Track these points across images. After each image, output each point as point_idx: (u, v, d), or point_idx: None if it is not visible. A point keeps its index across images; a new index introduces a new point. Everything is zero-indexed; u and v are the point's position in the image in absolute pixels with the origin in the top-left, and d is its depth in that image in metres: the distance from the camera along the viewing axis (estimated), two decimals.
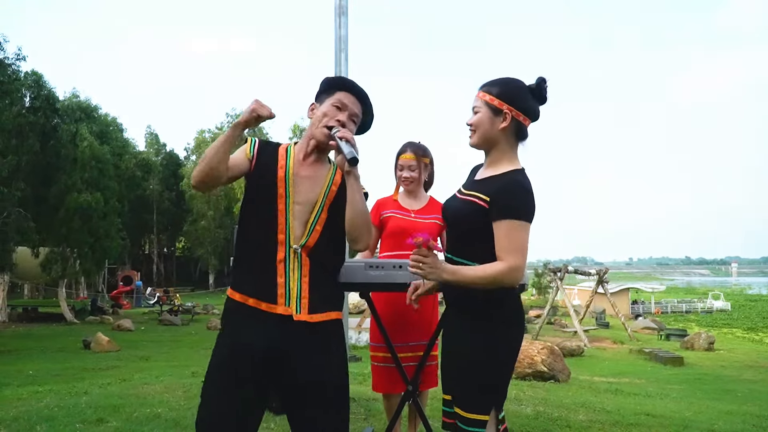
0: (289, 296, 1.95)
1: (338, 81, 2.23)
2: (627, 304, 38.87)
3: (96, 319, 22.72)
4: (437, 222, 3.15)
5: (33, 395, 5.15)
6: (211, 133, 48.14)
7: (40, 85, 20.85)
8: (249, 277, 1.99)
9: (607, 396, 6.62)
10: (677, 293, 64.91)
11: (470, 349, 2.00)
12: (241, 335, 1.95)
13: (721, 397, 9.24)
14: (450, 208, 2.12)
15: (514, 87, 2.03)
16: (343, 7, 3.83)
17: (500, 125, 2.00)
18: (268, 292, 1.95)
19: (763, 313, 44.16)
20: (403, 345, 2.99)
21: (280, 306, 1.94)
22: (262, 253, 1.99)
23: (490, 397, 2.01)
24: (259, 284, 1.96)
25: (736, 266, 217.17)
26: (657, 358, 15.77)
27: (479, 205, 1.96)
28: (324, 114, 2.06)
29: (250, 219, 2.04)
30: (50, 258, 22.25)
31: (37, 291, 31.28)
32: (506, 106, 1.99)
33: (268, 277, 1.96)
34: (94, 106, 33.08)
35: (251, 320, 1.94)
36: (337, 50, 3.79)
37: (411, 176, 3.18)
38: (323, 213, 2.03)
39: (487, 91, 2.04)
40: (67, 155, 21.59)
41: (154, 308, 27.81)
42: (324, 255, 2.05)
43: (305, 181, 2.05)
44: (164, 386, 5.23)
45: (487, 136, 2.03)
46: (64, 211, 21.42)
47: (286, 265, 1.97)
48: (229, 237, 40.05)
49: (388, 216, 3.14)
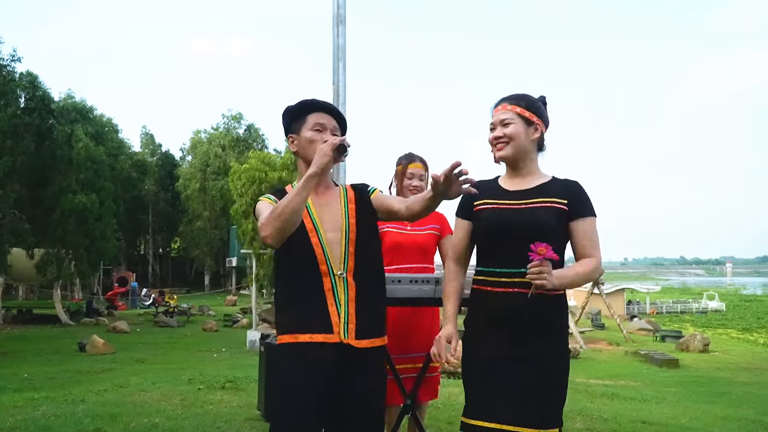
0: (341, 322, 1.98)
1: (303, 106, 2.19)
2: (622, 305, 38.91)
3: (91, 321, 22.62)
4: (434, 232, 3.19)
5: (29, 402, 5.13)
6: (206, 133, 48.01)
7: (36, 86, 20.74)
8: (298, 316, 2.00)
9: (604, 401, 6.64)
10: (672, 293, 65.09)
11: (560, 364, 2.04)
12: (302, 372, 1.95)
13: (716, 400, 9.28)
14: (520, 219, 2.02)
15: (536, 101, 2.13)
16: (341, 16, 3.83)
17: (533, 136, 2.08)
18: (322, 323, 1.97)
19: (758, 313, 44.34)
20: (402, 356, 3.00)
21: (336, 335, 1.97)
22: (308, 288, 2.00)
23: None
24: (311, 318, 1.98)
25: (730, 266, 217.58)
26: (652, 360, 15.81)
27: (559, 209, 2.02)
28: (310, 141, 2.08)
29: (287, 262, 2.06)
30: (45, 259, 22.14)
31: (32, 292, 31.16)
32: (536, 118, 2.08)
33: (319, 308, 1.98)
34: (90, 107, 32.89)
35: (309, 356, 1.95)
36: (335, 59, 3.79)
37: (420, 185, 3.24)
38: (351, 234, 2.07)
39: (516, 103, 2.09)
40: (63, 156, 21.47)
41: (149, 309, 27.69)
42: (366, 276, 2.08)
43: (325, 209, 2.09)
44: (161, 393, 5.23)
45: (521, 147, 2.08)
46: (60, 213, 21.29)
47: (335, 293, 2.00)
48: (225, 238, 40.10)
49: (384, 231, 3.15)
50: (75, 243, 22.07)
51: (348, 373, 1.99)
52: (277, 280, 2.12)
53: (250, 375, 6.56)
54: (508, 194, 2.09)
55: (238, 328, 21.37)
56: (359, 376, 2.01)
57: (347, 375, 1.99)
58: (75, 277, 25.83)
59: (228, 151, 44.43)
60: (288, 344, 1.98)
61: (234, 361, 12.88)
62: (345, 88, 3.81)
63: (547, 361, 1.99)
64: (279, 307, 2.09)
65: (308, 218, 2.04)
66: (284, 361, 2.00)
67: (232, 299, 35.50)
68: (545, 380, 1.98)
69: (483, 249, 2.14)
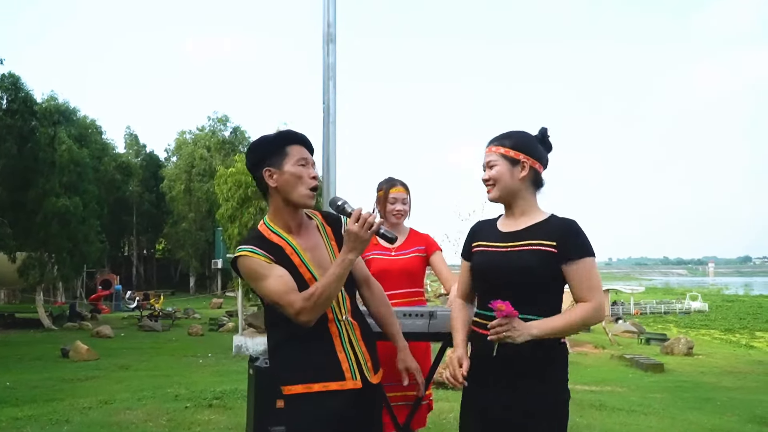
0: (353, 367, 1.97)
1: (283, 137, 2.07)
2: (607, 306, 39.27)
3: (74, 326, 22.34)
4: (419, 254, 3.18)
5: (12, 423, 5.04)
6: (192, 134, 47.72)
7: (18, 88, 20.50)
8: (306, 365, 1.95)
9: (591, 413, 6.65)
10: (656, 294, 65.75)
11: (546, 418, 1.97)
12: (318, 424, 1.91)
13: (702, 406, 9.34)
14: (507, 263, 1.99)
15: (525, 137, 2.07)
16: (331, 34, 3.78)
17: (520, 175, 2.03)
18: (334, 371, 1.94)
19: (740, 314, 44.97)
20: (394, 384, 2.97)
21: (348, 381, 1.94)
22: (315, 337, 1.95)
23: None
24: (320, 367, 1.94)
25: (713, 266, 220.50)
26: (638, 364, 15.94)
27: (547, 252, 1.94)
28: (297, 176, 1.97)
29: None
30: (28, 263, 21.88)
31: (14, 296, 30.75)
32: (522, 156, 2.02)
33: (328, 356, 1.95)
34: (73, 109, 32.71)
35: (323, 405, 1.91)
36: (325, 78, 3.74)
37: (404, 209, 3.22)
38: None
39: (501, 144, 2.06)
40: (45, 159, 21.22)
41: (134, 313, 27.46)
42: (358, 312, 2.10)
43: (315, 253, 2.03)
44: (146, 413, 5.15)
45: (508, 188, 2.04)
46: (42, 216, 21.04)
47: (342, 338, 1.98)
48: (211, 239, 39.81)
49: (369, 258, 3.14)
50: (58, 246, 21.83)
51: (371, 412, 2.05)
52: (273, 330, 2.04)
53: (237, 389, 6.50)
54: (502, 236, 2.06)
55: (224, 332, 21.22)
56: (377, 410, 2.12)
57: (371, 414, 2.04)
58: (58, 280, 25.52)
59: (213, 153, 44.25)
60: (300, 395, 1.91)
61: (220, 367, 12.79)
62: (335, 107, 3.76)
63: (533, 411, 1.94)
64: (282, 358, 1.99)
65: (303, 267, 1.97)
66: (299, 411, 1.92)
67: (218, 302, 35.31)
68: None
69: (478, 290, 2.13)
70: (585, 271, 1.93)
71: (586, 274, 1.93)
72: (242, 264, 1.94)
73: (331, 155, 3.60)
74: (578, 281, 1.93)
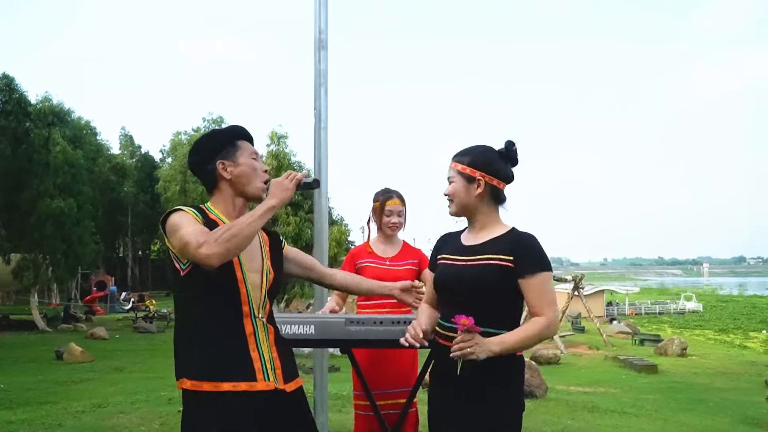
0: (265, 369, 1.88)
1: (235, 132, 2.09)
2: (602, 306, 39.33)
3: (69, 327, 22.31)
4: (412, 267, 3.23)
5: (5, 427, 5.05)
6: (187, 135, 47.60)
7: (12, 89, 20.47)
8: (217, 360, 1.84)
9: (584, 415, 6.70)
10: (651, 294, 66.01)
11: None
12: (228, 426, 1.80)
13: (694, 408, 9.42)
14: (466, 276, 2.02)
15: (484, 154, 2.10)
16: (323, 41, 3.78)
17: (475, 192, 2.05)
18: (245, 371, 1.84)
19: (734, 314, 45.17)
20: (383, 392, 3.01)
21: (260, 382, 1.85)
22: (227, 329, 1.87)
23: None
24: (231, 365, 1.84)
25: (707, 266, 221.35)
26: (631, 365, 16.01)
27: (504, 266, 1.96)
28: (253, 168, 2.01)
29: (204, 297, 1.88)
30: (22, 265, 21.84)
31: (8, 298, 30.65)
32: (478, 173, 2.05)
33: (239, 354, 1.86)
34: (67, 110, 32.53)
35: (232, 407, 1.81)
36: (316, 84, 3.75)
37: (399, 221, 3.26)
38: (270, 276, 2.01)
39: (459, 161, 2.10)
40: (40, 160, 21.18)
41: (128, 314, 27.41)
42: (272, 319, 2.03)
43: (247, 248, 1.91)
44: (140, 417, 5.16)
45: (464, 204, 2.08)
46: (36, 217, 20.98)
47: (256, 338, 1.90)
48: None
49: (363, 266, 3.18)
50: (52, 248, 21.77)
51: (285, 421, 1.95)
52: (186, 310, 1.92)
53: None
54: (463, 249, 2.09)
55: None
56: (295, 421, 1.98)
57: (281, 421, 1.93)
58: (52, 282, 25.45)
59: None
60: (207, 392, 1.80)
61: None
62: (327, 113, 3.77)
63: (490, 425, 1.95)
64: (189, 343, 1.88)
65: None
66: (207, 412, 1.81)
67: None
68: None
69: (440, 302, 2.16)
70: (540, 285, 1.94)
71: (541, 289, 1.94)
72: (172, 217, 1.87)
73: (323, 160, 3.61)
74: (534, 296, 1.94)
